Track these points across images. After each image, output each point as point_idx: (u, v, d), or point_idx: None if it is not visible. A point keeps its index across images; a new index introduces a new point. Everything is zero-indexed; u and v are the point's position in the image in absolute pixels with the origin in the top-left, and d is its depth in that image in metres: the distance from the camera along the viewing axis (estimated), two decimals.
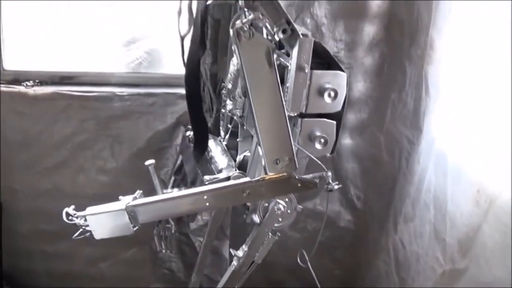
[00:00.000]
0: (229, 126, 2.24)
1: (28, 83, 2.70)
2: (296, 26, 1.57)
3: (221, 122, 2.33)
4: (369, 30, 2.75)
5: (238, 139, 2.12)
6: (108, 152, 2.84)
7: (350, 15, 2.73)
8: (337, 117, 1.76)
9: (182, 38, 2.19)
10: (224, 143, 2.27)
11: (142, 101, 2.76)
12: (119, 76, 2.86)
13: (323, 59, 1.72)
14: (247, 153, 2.04)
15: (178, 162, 2.65)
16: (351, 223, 3.12)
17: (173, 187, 2.46)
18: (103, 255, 3.03)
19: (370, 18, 2.73)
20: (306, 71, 1.60)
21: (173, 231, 2.57)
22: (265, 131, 1.67)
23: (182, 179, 2.56)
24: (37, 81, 2.73)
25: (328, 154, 1.80)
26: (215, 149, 2.21)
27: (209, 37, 2.20)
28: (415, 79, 2.55)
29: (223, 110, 2.26)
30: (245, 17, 1.55)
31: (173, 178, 2.63)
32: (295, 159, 1.70)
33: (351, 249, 3.17)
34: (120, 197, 1.78)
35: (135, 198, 1.76)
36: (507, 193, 1.78)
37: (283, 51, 1.72)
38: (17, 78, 2.74)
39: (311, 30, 2.62)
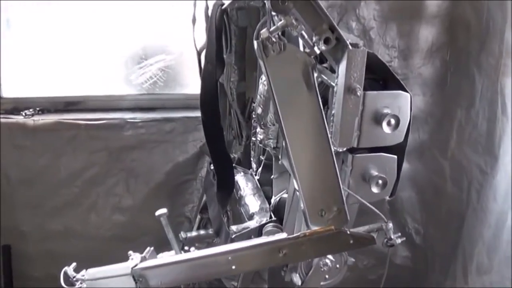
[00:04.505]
0: (261, 157, 2.05)
1: (27, 112, 2.58)
2: (343, 33, 1.31)
3: (252, 153, 2.13)
4: (427, 33, 2.59)
5: (272, 176, 1.91)
6: (123, 187, 2.73)
7: (403, 16, 2.57)
8: (398, 150, 1.51)
9: (199, 53, 2.10)
10: (257, 177, 2.08)
11: (159, 128, 2.66)
12: (131, 99, 2.77)
13: (378, 74, 1.46)
14: (284, 194, 1.83)
15: (204, 197, 2.50)
16: (408, 260, 2.96)
17: (199, 228, 2.34)
18: None
19: (428, 20, 2.57)
20: (358, 93, 1.33)
21: None
22: (304, 173, 1.42)
23: (209, 219, 2.39)
24: (37, 109, 2.63)
25: (388, 198, 1.56)
26: (246, 186, 2.03)
27: (234, 49, 2.03)
28: (488, 94, 2.35)
29: (253, 139, 2.09)
30: (274, 24, 1.31)
31: (199, 216, 2.49)
32: (346, 209, 1.46)
33: None
34: (130, 252, 1.59)
35: (144, 259, 1.56)
36: None
37: (325, 65, 1.49)
38: (17, 107, 2.64)
39: (357, 35, 2.47)
